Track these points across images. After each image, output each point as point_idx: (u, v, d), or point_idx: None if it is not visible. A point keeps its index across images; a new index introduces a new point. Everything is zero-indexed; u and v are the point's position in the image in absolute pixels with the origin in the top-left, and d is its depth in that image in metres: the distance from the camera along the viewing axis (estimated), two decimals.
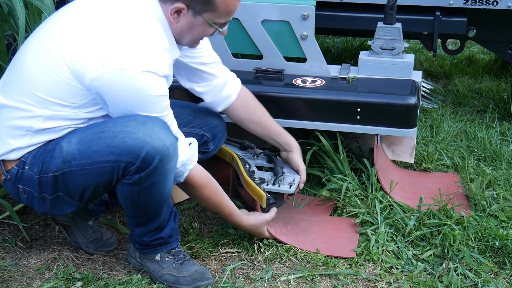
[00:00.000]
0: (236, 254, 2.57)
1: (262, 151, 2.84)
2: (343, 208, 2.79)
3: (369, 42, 3.01)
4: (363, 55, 3.01)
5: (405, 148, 3.07)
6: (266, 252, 2.55)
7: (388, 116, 2.79)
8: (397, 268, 2.45)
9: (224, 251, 2.58)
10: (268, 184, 2.62)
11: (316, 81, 2.94)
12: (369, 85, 2.92)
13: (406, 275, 2.42)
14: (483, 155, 3.29)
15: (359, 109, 2.80)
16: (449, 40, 4.50)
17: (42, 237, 2.70)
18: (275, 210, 2.59)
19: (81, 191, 2.20)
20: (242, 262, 2.51)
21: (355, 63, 3.06)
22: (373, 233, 2.61)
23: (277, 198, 2.60)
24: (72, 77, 2.11)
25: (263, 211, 2.57)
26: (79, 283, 2.39)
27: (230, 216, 2.49)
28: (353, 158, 2.99)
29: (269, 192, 2.57)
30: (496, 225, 2.63)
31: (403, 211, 2.74)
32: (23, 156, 2.21)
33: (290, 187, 2.61)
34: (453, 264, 2.44)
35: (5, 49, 2.84)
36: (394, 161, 3.13)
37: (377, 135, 2.83)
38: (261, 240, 2.59)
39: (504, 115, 3.82)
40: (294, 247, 2.57)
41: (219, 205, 2.44)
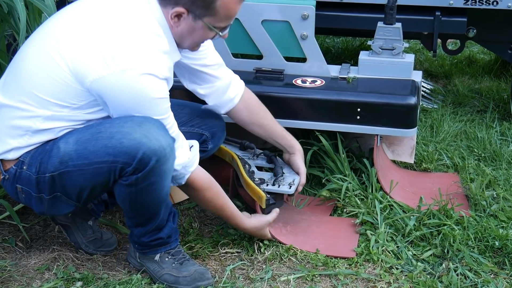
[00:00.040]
0: (236, 254, 2.57)
1: (262, 151, 2.84)
2: (343, 208, 2.79)
3: (369, 42, 3.01)
4: (363, 55, 3.01)
5: (405, 148, 3.07)
6: (266, 252, 2.55)
7: (388, 116, 2.79)
8: (397, 268, 2.44)
9: (224, 251, 2.58)
10: (267, 184, 2.62)
11: (316, 81, 2.94)
12: (369, 85, 2.91)
13: (406, 275, 2.42)
14: (483, 155, 3.29)
15: (359, 109, 2.80)
16: (449, 40, 4.49)
17: (42, 237, 2.70)
18: (277, 211, 2.58)
19: (78, 191, 2.20)
20: (242, 262, 2.51)
21: (355, 63, 3.06)
22: (373, 233, 2.61)
23: (277, 199, 2.60)
24: (73, 78, 2.11)
25: (263, 211, 2.57)
26: (79, 283, 2.39)
27: (232, 218, 2.48)
28: (353, 158, 2.99)
29: (269, 193, 2.57)
30: (496, 225, 2.63)
31: (403, 211, 2.74)
32: (21, 156, 2.21)
33: (289, 187, 2.61)
34: (453, 264, 2.44)
35: (5, 49, 2.84)
36: (394, 161, 3.13)
37: (377, 135, 2.83)
38: (261, 240, 2.59)
39: (504, 115, 3.82)
40: (294, 247, 2.57)
41: (220, 207, 2.44)
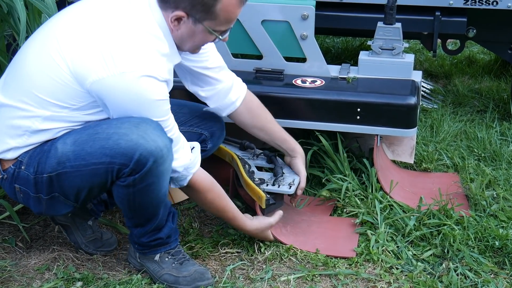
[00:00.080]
0: (236, 254, 2.57)
1: (262, 151, 2.84)
2: (343, 208, 2.79)
3: (369, 42, 3.00)
4: (363, 55, 3.01)
5: (405, 148, 3.06)
6: (266, 252, 2.55)
7: (388, 116, 2.79)
8: (397, 268, 2.44)
9: (224, 251, 2.58)
10: (267, 184, 2.62)
11: (316, 81, 2.94)
12: (369, 85, 2.91)
13: (406, 275, 2.42)
14: (483, 155, 3.29)
15: (359, 109, 2.80)
16: (449, 40, 4.49)
17: (42, 237, 2.70)
18: (280, 214, 2.57)
19: (76, 192, 2.20)
20: (242, 262, 2.51)
21: (355, 63, 3.06)
22: (373, 233, 2.61)
23: (277, 199, 2.60)
24: (73, 79, 2.11)
25: (263, 211, 2.57)
26: (79, 283, 2.39)
27: (234, 220, 2.48)
28: (353, 158, 2.99)
29: (268, 193, 2.57)
30: (496, 225, 2.63)
31: (403, 211, 2.74)
32: (20, 155, 2.21)
33: (289, 187, 2.61)
34: (453, 264, 2.44)
35: (5, 49, 2.84)
36: (394, 161, 3.13)
37: (377, 135, 2.83)
38: (261, 240, 2.59)
39: (504, 115, 3.82)
40: (294, 247, 2.57)
41: (222, 209, 2.44)
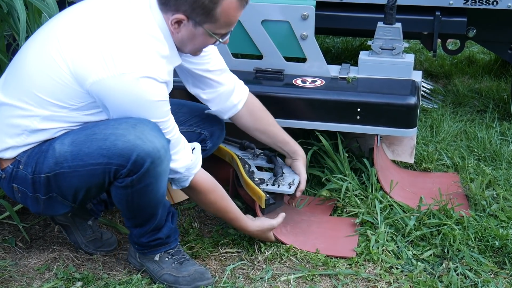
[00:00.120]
0: (236, 254, 2.57)
1: (261, 151, 2.84)
2: (343, 208, 2.79)
3: (369, 42, 3.01)
4: (363, 55, 3.01)
5: (405, 148, 3.06)
6: (266, 252, 2.55)
7: (388, 116, 2.79)
8: (397, 268, 2.44)
9: (224, 251, 2.58)
10: (267, 184, 2.62)
11: (316, 81, 2.94)
12: (369, 85, 2.91)
13: (406, 275, 2.42)
14: (483, 155, 3.29)
15: (359, 109, 2.80)
16: (449, 40, 4.49)
17: (42, 237, 2.70)
18: (283, 216, 2.57)
19: (74, 192, 2.20)
20: (242, 262, 2.51)
21: (355, 63, 3.06)
22: (373, 233, 2.60)
23: (277, 199, 2.60)
24: (73, 79, 2.11)
25: (262, 211, 2.57)
26: (79, 283, 2.39)
27: (236, 221, 2.48)
28: (353, 158, 2.99)
29: (268, 193, 2.57)
30: (496, 225, 2.63)
31: (403, 211, 2.74)
32: (18, 155, 2.21)
33: (289, 187, 2.61)
34: (453, 264, 2.44)
35: (5, 49, 2.84)
36: (394, 161, 3.13)
37: (377, 135, 2.83)
38: (261, 240, 2.59)
39: (504, 115, 3.82)
40: (294, 247, 2.57)
41: (224, 210, 2.44)
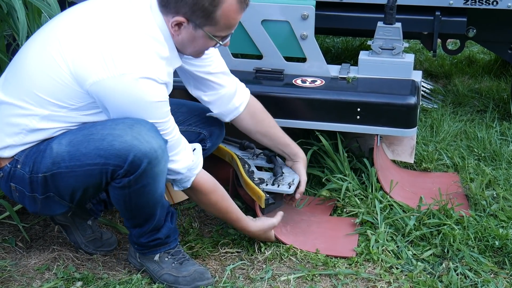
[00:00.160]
0: (236, 254, 2.57)
1: (261, 151, 2.84)
2: (343, 208, 2.79)
3: (369, 42, 3.01)
4: (363, 55, 3.01)
5: (405, 148, 3.06)
6: (266, 252, 2.55)
7: (388, 116, 2.79)
8: (397, 268, 2.44)
9: (224, 251, 2.58)
10: (267, 184, 2.62)
11: (316, 81, 2.94)
12: (369, 85, 2.91)
13: (406, 275, 2.42)
14: (483, 155, 3.29)
15: (359, 109, 2.80)
16: (449, 40, 4.49)
17: (42, 237, 2.70)
18: (282, 214, 2.58)
19: (71, 192, 2.20)
20: (242, 262, 2.51)
21: (355, 63, 3.06)
22: (373, 233, 2.60)
23: (276, 198, 2.60)
24: (73, 80, 2.11)
25: (262, 211, 2.57)
26: (79, 283, 2.39)
27: (237, 221, 2.48)
28: (353, 158, 2.99)
29: (268, 192, 2.57)
30: (496, 225, 2.63)
31: (403, 211, 2.74)
32: (16, 154, 2.21)
33: (289, 187, 2.61)
34: (453, 264, 2.44)
35: (5, 49, 2.84)
36: (394, 161, 3.13)
37: (377, 135, 2.83)
38: (261, 240, 2.59)
39: (504, 115, 3.82)
40: (294, 247, 2.57)
41: (226, 210, 2.43)
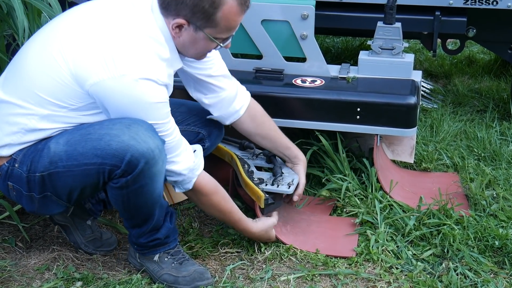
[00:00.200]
0: (236, 254, 2.57)
1: (261, 151, 2.83)
2: (343, 208, 2.79)
3: (369, 42, 3.00)
4: (363, 55, 3.01)
5: (405, 148, 3.06)
6: (266, 252, 2.55)
7: (388, 116, 2.79)
8: (397, 268, 2.44)
9: (224, 251, 2.58)
10: (266, 184, 2.62)
11: (316, 81, 2.94)
12: (369, 85, 2.91)
13: (406, 275, 2.42)
14: (483, 155, 3.29)
15: (359, 109, 2.80)
16: (449, 40, 4.49)
17: (42, 237, 2.70)
18: (276, 212, 2.58)
19: (68, 192, 2.20)
20: (242, 262, 2.51)
21: (355, 63, 3.06)
22: (373, 233, 2.60)
23: (276, 199, 2.60)
24: (73, 80, 2.11)
25: (262, 211, 2.57)
26: (79, 283, 2.39)
27: (239, 222, 2.48)
28: (353, 158, 2.99)
29: (267, 193, 2.57)
30: (496, 225, 2.63)
31: (403, 211, 2.74)
32: (14, 153, 2.22)
33: (288, 187, 2.61)
34: (452, 263, 2.44)
35: (5, 49, 2.84)
36: (394, 161, 3.13)
37: (377, 135, 2.83)
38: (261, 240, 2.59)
39: (504, 115, 3.82)
40: (294, 247, 2.57)
41: (227, 211, 2.43)
